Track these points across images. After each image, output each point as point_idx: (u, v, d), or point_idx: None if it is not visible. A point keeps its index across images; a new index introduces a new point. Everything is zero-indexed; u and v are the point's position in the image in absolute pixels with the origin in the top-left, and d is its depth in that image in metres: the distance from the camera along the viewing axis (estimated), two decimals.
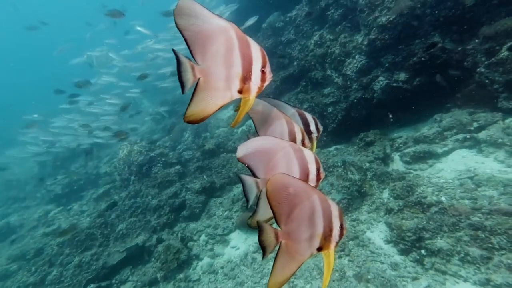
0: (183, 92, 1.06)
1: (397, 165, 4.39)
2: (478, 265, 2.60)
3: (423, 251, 2.96)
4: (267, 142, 1.24)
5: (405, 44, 4.71)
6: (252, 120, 1.42)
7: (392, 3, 4.77)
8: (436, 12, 4.38)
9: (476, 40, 4.10)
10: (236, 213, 5.01)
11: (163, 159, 6.70)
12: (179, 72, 1.04)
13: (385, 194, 3.98)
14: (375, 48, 5.06)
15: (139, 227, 5.25)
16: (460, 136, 4.03)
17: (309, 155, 1.27)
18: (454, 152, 4.02)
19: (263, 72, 1.11)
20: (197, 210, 5.33)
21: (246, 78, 1.09)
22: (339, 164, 4.58)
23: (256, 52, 1.09)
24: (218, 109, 1.09)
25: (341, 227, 1.16)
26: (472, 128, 4.00)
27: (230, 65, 1.06)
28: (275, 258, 1.11)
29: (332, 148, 5.58)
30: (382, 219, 3.67)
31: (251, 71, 1.09)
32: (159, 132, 10.08)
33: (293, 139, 1.40)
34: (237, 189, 5.73)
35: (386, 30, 4.84)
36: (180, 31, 1.00)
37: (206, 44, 1.03)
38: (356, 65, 5.38)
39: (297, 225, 1.12)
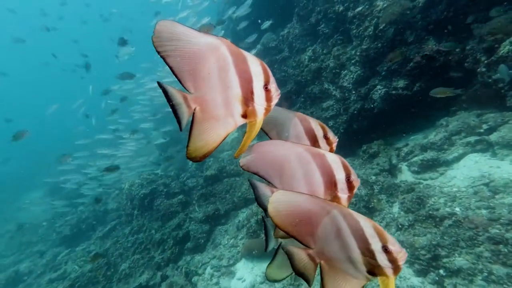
0: (181, 129, 0.96)
1: (405, 175, 4.23)
2: (505, 286, 2.38)
3: (441, 271, 2.76)
4: (274, 147, 1.07)
5: (401, 46, 4.73)
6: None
7: (380, 12, 4.87)
8: (427, 16, 4.42)
9: (474, 40, 4.07)
10: (241, 241, 4.90)
11: (165, 190, 6.76)
12: (172, 107, 0.93)
13: (395, 209, 3.81)
14: (369, 58, 5.11)
15: (142, 264, 5.20)
16: (472, 139, 3.87)
17: (334, 160, 1.07)
18: (465, 157, 3.86)
19: (267, 90, 0.97)
20: (202, 241, 5.25)
21: (247, 99, 0.95)
22: None
23: (255, 67, 0.96)
24: (223, 140, 0.97)
25: (387, 250, 0.91)
26: (482, 130, 3.85)
27: (227, 87, 0.93)
28: (322, 283, 0.95)
29: None
30: (393, 235, 3.48)
31: (252, 90, 0.95)
32: (167, 162, 10.26)
33: (313, 138, 1.21)
34: (242, 214, 5.65)
35: (378, 39, 4.91)
36: (164, 59, 0.90)
37: (195, 68, 0.92)
38: (352, 76, 5.42)
39: (327, 244, 0.95)
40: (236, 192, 6.14)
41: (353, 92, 5.34)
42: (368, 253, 0.92)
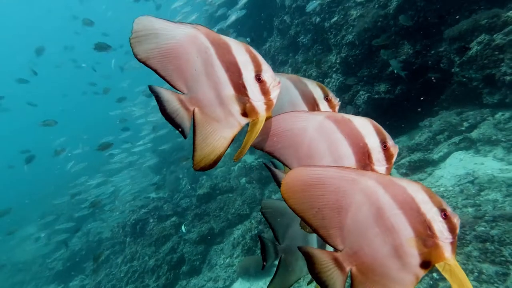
0: (185, 137, 0.86)
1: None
2: (496, 284, 2.41)
3: (435, 275, 2.78)
4: (289, 120, 0.90)
5: (378, 56, 4.92)
6: None
7: (355, 20, 5.09)
8: (399, 22, 4.63)
9: (446, 42, 4.26)
10: (237, 259, 4.86)
11: (157, 213, 6.73)
12: (168, 115, 0.83)
13: None
14: (349, 65, 5.29)
15: None
16: (455, 138, 3.98)
17: (364, 124, 0.89)
18: (451, 156, 3.95)
19: (260, 81, 0.84)
20: (197, 263, 5.20)
21: (242, 95, 0.84)
22: None
23: (242, 54, 0.83)
24: (231, 142, 0.86)
25: (446, 215, 0.71)
26: (463, 128, 3.97)
27: (216, 84, 0.83)
28: None
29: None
30: None
31: (243, 85, 0.83)
32: (160, 183, 10.21)
33: (311, 102, 1.03)
34: (237, 231, 5.62)
35: (355, 46, 5.10)
36: (145, 63, 0.81)
37: (180, 65, 0.82)
38: (335, 83, 5.58)
39: (363, 237, 0.72)
40: (230, 208, 6.14)
41: (338, 98, 5.48)
42: (423, 229, 0.70)
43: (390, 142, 0.89)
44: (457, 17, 3.91)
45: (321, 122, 0.89)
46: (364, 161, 0.88)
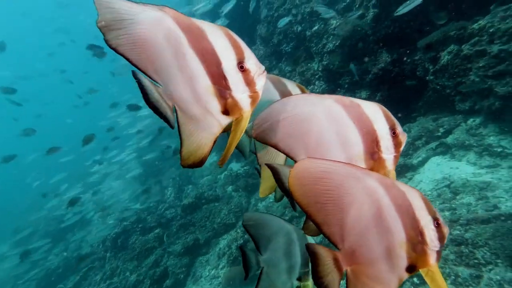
0: (172, 127, 0.80)
1: None
2: (471, 287, 2.50)
3: (415, 279, 2.85)
4: (295, 104, 0.82)
5: (358, 64, 5.09)
6: None
7: (335, 29, 5.26)
8: (377, 32, 4.82)
9: (420, 51, 4.47)
10: (222, 270, 4.80)
11: (140, 226, 6.56)
12: (152, 104, 0.76)
13: None
14: (331, 72, 5.44)
15: None
16: (432, 144, 4.14)
17: (373, 109, 0.86)
18: (429, 161, 4.10)
19: (243, 70, 0.74)
20: (182, 276, 5.09)
21: (221, 88, 0.74)
22: None
23: (220, 40, 0.72)
24: (214, 142, 0.79)
25: (438, 224, 0.75)
26: (439, 134, 4.14)
27: (189, 77, 0.72)
28: None
29: None
30: None
31: (223, 75, 0.73)
32: (145, 194, 9.97)
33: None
34: (223, 241, 5.56)
35: (336, 54, 5.26)
36: (116, 51, 0.72)
37: (149, 54, 0.72)
38: (317, 91, 5.71)
39: (361, 236, 0.74)
40: (215, 218, 6.08)
41: None
42: (415, 234, 0.73)
43: (399, 129, 0.87)
44: (428, 28, 4.12)
45: (330, 106, 0.83)
46: (373, 148, 0.84)
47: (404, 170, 4.22)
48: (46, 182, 10.33)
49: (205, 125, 0.77)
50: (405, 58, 4.66)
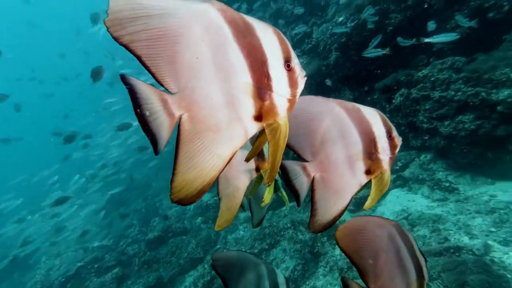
0: (157, 152, 0.67)
1: (343, 215, 4.59)
2: None
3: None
4: (305, 105, 0.92)
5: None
6: None
7: (303, 66, 5.71)
8: (338, 72, 5.31)
9: (377, 92, 4.97)
10: None
11: (96, 266, 6.05)
12: (143, 117, 0.64)
13: (337, 251, 4.03)
14: None
15: None
16: (391, 177, 4.47)
17: (371, 114, 0.96)
18: (390, 193, 4.39)
19: (290, 70, 0.69)
20: None
21: (261, 89, 0.67)
22: (288, 225, 4.68)
23: (269, 37, 0.67)
24: (228, 162, 0.68)
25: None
26: (397, 167, 4.49)
27: (228, 74, 0.65)
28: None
29: (284, 208, 5.68)
30: (336, 282, 3.63)
31: (268, 74, 0.67)
32: (105, 228, 9.28)
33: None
34: (189, 278, 5.30)
35: (304, 89, 5.65)
36: (127, 47, 0.62)
37: (175, 51, 0.64)
38: None
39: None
40: (182, 252, 5.81)
41: None
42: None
43: (395, 133, 0.97)
44: (378, 71, 4.65)
45: (334, 109, 0.94)
46: (371, 149, 0.94)
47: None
48: None
49: (227, 134, 0.67)
50: (364, 97, 5.14)
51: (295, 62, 0.71)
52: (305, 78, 0.74)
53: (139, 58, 0.63)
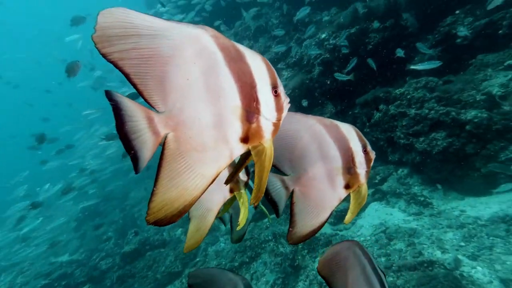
0: (137, 170, 0.67)
1: (324, 227, 4.64)
2: None
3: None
4: (284, 122, 0.92)
5: (308, 113, 5.61)
6: None
7: (286, 80, 5.83)
8: (322, 86, 5.47)
9: (358, 107, 5.15)
10: None
11: (63, 283, 5.70)
12: (126, 134, 0.65)
13: (317, 264, 4.05)
14: None
15: None
16: (370, 191, 4.59)
17: (348, 130, 1.01)
18: (369, 206, 4.50)
19: (277, 95, 0.73)
20: None
21: (250, 112, 0.70)
22: (270, 237, 4.66)
23: (258, 63, 0.72)
24: (212, 182, 0.69)
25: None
26: (376, 181, 4.63)
27: (218, 97, 0.67)
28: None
29: (266, 220, 5.67)
30: None
31: (257, 98, 0.71)
32: (77, 241, 8.79)
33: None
34: None
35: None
36: (115, 64, 0.63)
37: (165, 72, 0.65)
38: None
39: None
40: (160, 266, 5.62)
41: None
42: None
43: (369, 147, 1.02)
44: (360, 87, 4.84)
45: (313, 125, 0.98)
46: (349, 164, 0.99)
47: (346, 215, 4.55)
48: None
49: (211, 156, 0.69)
50: (346, 111, 5.31)
51: (281, 89, 0.75)
52: (289, 105, 0.78)
53: (127, 76, 0.64)
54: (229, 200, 1.06)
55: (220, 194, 1.05)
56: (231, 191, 1.05)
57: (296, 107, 5.63)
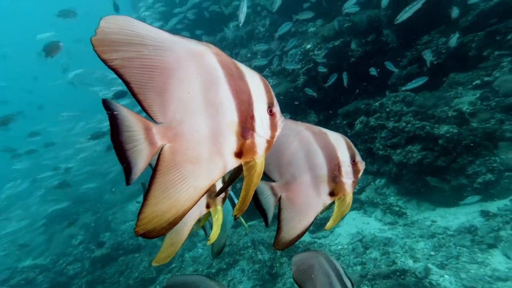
0: (129, 181, 0.66)
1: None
2: None
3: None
4: None
5: (294, 118, 5.70)
6: None
7: (272, 87, 5.92)
8: (306, 95, 5.60)
9: (340, 117, 5.32)
10: None
11: None
12: (121, 144, 0.65)
13: None
14: None
15: None
16: None
17: (337, 139, 1.01)
18: (347, 215, 4.62)
19: (272, 115, 0.77)
20: None
21: (245, 128, 0.74)
22: (249, 244, 4.64)
23: (256, 82, 0.75)
24: (204, 194, 0.70)
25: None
26: (355, 190, 4.77)
27: (216, 112, 0.70)
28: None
29: (247, 225, 5.65)
30: None
31: (253, 115, 0.74)
32: (43, 245, 8.27)
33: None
34: None
35: None
36: (116, 71, 0.64)
37: (166, 84, 0.67)
38: None
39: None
40: (133, 272, 5.42)
41: None
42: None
43: (358, 158, 1.03)
44: (342, 97, 5.01)
45: (301, 132, 0.99)
46: (334, 172, 1.00)
47: (325, 223, 4.64)
48: None
49: (205, 169, 0.71)
50: (328, 120, 5.46)
51: (277, 109, 0.79)
52: (284, 123, 0.82)
53: (127, 84, 0.65)
54: (205, 215, 1.06)
55: (196, 209, 1.05)
56: (208, 206, 1.05)
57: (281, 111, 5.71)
